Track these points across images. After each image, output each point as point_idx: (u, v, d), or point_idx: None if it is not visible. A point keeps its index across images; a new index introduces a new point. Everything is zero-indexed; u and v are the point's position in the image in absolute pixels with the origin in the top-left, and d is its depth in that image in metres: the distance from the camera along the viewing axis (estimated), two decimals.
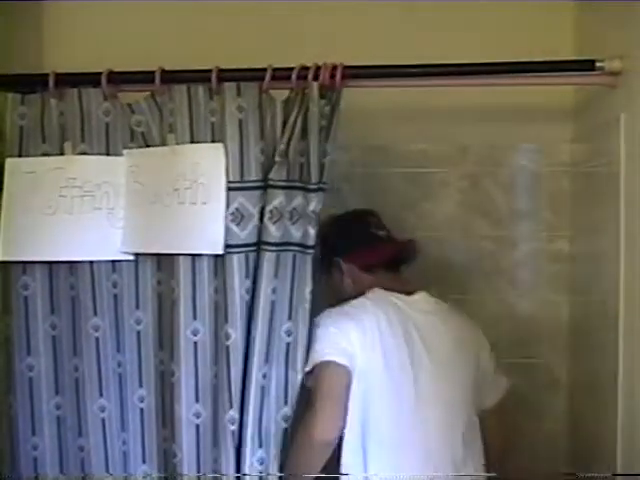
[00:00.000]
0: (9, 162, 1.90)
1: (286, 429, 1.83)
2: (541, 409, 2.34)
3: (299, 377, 1.81)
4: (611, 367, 1.84)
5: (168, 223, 1.84)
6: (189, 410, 1.83)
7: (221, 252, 1.80)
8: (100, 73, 1.87)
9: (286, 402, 1.82)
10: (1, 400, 1.90)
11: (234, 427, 1.80)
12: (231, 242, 1.80)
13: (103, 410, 1.88)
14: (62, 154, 1.89)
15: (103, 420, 1.88)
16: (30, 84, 1.94)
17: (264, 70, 1.82)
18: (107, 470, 1.87)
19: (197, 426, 1.84)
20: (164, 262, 1.87)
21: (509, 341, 2.30)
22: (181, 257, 1.82)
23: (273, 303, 1.80)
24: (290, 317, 1.81)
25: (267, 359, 1.80)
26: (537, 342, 2.33)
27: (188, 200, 1.82)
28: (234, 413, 1.79)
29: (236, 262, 1.80)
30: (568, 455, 2.27)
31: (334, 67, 1.80)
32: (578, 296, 2.23)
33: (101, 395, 1.87)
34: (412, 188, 2.27)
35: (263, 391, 1.80)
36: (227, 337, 1.81)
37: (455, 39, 2.16)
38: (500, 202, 2.32)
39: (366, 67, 1.86)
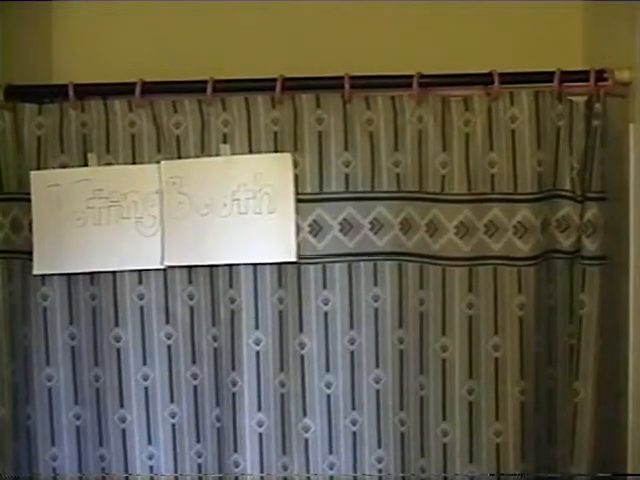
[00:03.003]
0: (33, 175, 1.91)
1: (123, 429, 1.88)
2: None
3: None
4: (621, 370, 1.85)
5: (226, 234, 1.85)
6: (252, 419, 1.86)
7: (294, 259, 1.82)
8: (121, 84, 1.89)
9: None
10: (20, 410, 1.92)
11: (308, 435, 1.85)
12: (307, 253, 1.83)
13: (124, 421, 1.90)
14: (84, 165, 1.90)
15: (124, 430, 1.89)
16: (43, 95, 1.96)
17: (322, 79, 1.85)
18: None
19: (260, 435, 1.87)
20: (201, 275, 1.88)
21: None
22: (242, 267, 1.84)
23: (422, 314, 1.85)
24: (401, 325, 1.85)
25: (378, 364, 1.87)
26: None
27: (251, 210, 1.83)
28: (308, 421, 1.84)
29: (312, 273, 1.83)
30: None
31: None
32: None
33: (122, 406, 1.89)
34: None
35: (378, 395, 1.86)
36: (302, 346, 1.84)
37: (463, 49, 2.16)
38: None
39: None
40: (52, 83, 2.08)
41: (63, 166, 1.91)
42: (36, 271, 1.90)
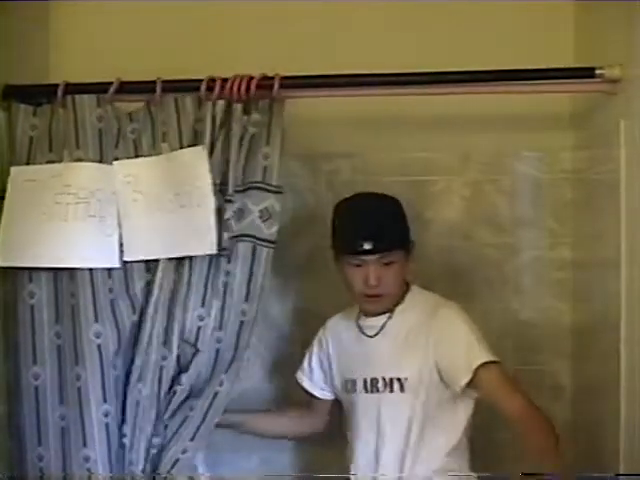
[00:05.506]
0: (14, 170, 1.92)
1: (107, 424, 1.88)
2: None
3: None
4: (614, 373, 1.84)
5: (170, 228, 1.88)
6: None
7: (215, 252, 1.85)
8: (106, 83, 1.91)
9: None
10: (7, 409, 1.92)
11: None
12: None
13: (107, 415, 1.88)
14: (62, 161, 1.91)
15: (107, 425, 1.87)
16: (39, 94, 1.98)
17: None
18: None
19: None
20: (150, 266, 1.91)
21: (512, 348, 2.30)
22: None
23: None
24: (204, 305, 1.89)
25: None
26: (540, 349, 2.33)
27: (188, 203, 1.87)
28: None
29: None
30: (571, 460, 2.27)
31: (267, 77, 1.88)
32: (580, 303, 2.23)
33: (105, 401, 1.87)
34: (415, 196, 2.26)
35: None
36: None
37: (454, 47, 2.17)
38: (502, 210, 2.32)
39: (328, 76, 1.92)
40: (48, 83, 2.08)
41: (49, 163, 1.92)
42: (1, 263, 1.90)
